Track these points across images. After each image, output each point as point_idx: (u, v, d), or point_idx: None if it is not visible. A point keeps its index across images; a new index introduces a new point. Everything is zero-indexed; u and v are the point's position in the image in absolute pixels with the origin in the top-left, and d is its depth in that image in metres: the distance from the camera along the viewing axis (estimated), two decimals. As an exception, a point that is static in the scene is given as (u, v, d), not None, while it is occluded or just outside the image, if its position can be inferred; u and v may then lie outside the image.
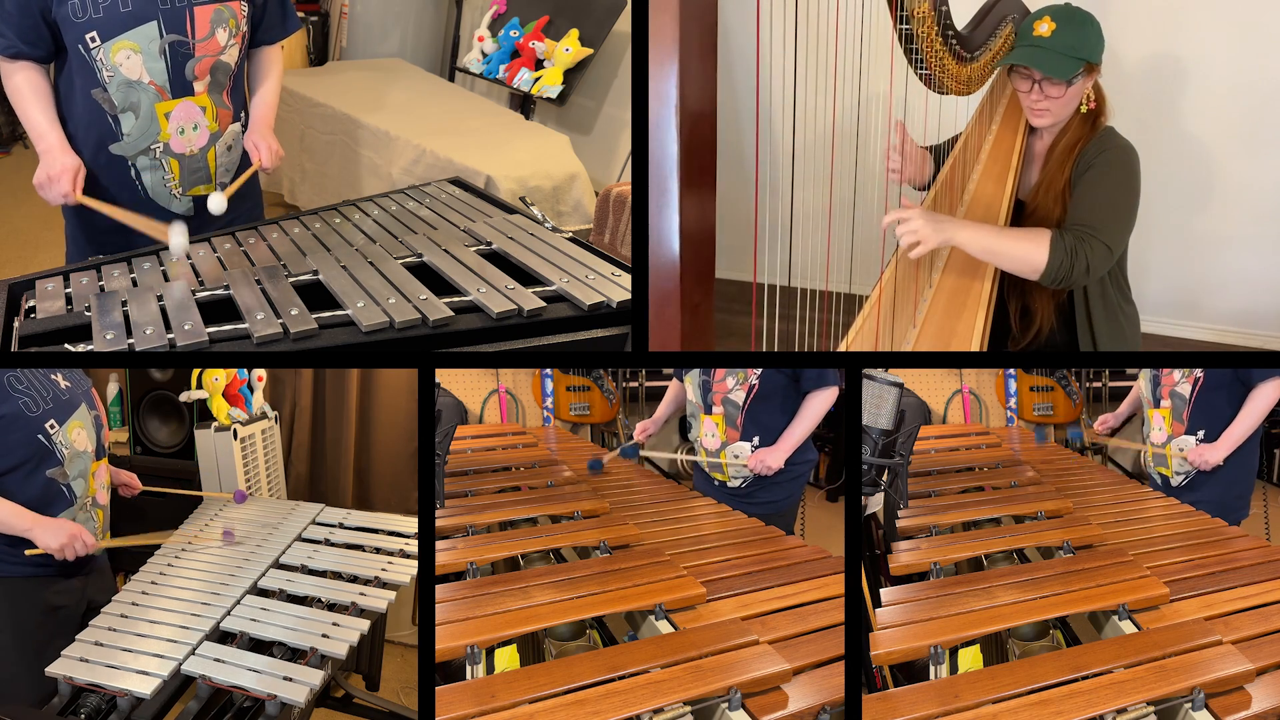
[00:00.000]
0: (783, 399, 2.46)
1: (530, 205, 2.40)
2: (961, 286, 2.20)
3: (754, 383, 2.43)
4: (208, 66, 2.26)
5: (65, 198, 2.17)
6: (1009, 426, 3.74)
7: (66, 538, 1.96)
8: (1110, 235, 2.08)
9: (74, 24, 2.15)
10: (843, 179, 2.34)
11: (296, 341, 1.70)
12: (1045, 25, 2.15)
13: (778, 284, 2.23)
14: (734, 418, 2.45)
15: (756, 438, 2.45)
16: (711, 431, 2.49)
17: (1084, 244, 2.05)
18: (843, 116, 2.19)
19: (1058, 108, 2.21)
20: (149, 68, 2.20)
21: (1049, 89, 2.18)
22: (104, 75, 2.19)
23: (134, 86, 2.20)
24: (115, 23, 2.15)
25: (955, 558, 2.08)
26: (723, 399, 2.46)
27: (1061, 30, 2.14)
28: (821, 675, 1.62)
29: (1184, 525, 2.33)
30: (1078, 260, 2.04)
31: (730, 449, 2.46)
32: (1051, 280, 2.06)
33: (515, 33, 4.34)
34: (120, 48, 2.16)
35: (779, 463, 2.43)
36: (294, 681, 1.72)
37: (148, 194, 2.32)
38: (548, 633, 1.77)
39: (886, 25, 2.06)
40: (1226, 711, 1.51)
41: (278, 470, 3.11)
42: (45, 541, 1.95)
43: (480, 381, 3.64)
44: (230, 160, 2.41)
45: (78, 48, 2.17)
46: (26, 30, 2.19)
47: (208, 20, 2.23)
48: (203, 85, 2.27)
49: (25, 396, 1.97)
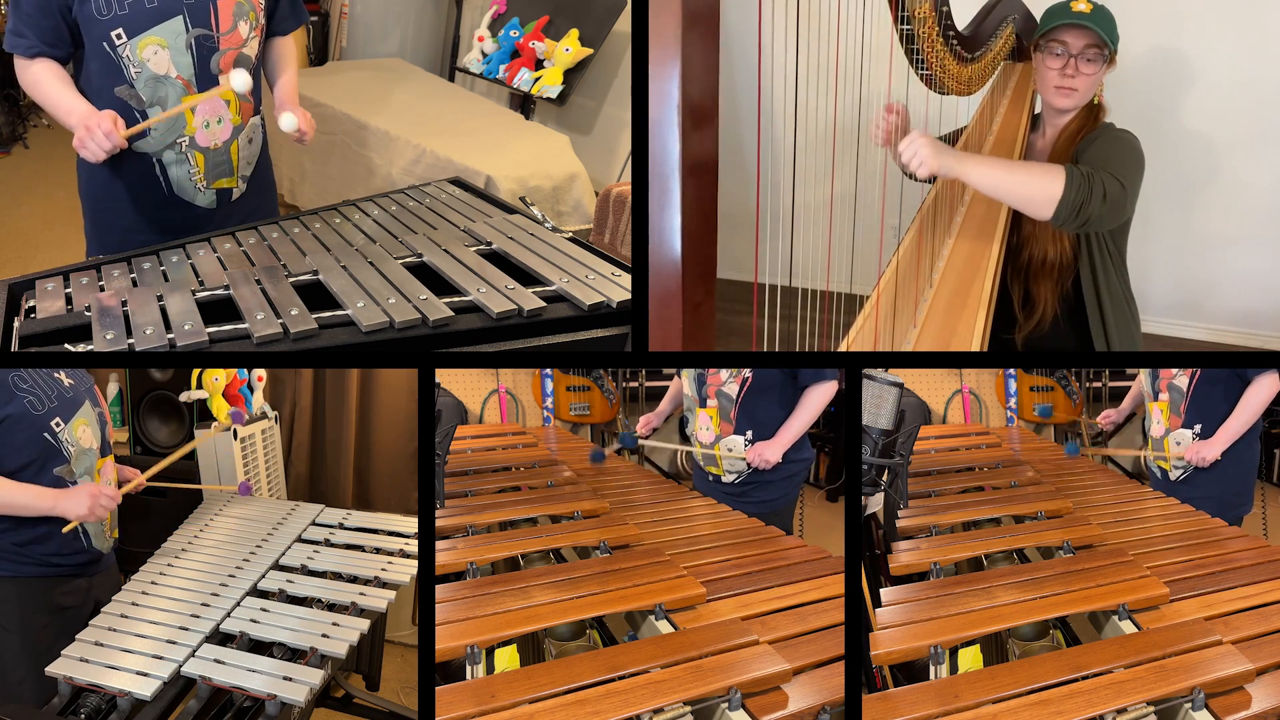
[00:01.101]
0: (779, 393, 2.47)
1: (530, 205, 2.40)
2: (961, 286, 2.20)
3: (747, 375, 2.43)
4: (232, 59, 2.27)
5: (109, 138, 2.10)
6: (1009, 426, 3.74)
7: (89, 499, 1.99)
8: (1125, 177, 2.02)
9: (98, 21, 2.15)
10: (843, 179, 2.34)
11: (296, 341, 1.70)
12: (1083, 4, 2.15)
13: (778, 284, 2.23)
14: (728, 410, 2.46)
15: (750, 431, 2.45)
16: (706, 424, 2.49)
17: (1100, 173, 1.98)
18: (843, 116, 2.19)
19: (1085, 87, 2.19)
20: (176, 62, 2.20)
21: (1084, 66, 2.17)
22: (131, 72, 2.18)
23: (162, 81, 2.20)
24: (141, 18, 2.15)
25: (955, 558, 2.08)
26: (717, 391, 2.46)
27: (1098, 10, 2.15)
28: (821, 675, 1.62)
29: (1184, 525, 2.33)
30: (1095, 186, 1.95)
31: (724, 442, 2.47)
32: (1068, 213, 1.95)
33: (515, 33, 4.34)
34: (147, 43, 2.17)
35: (777, 456, 2.44)
36: (294, 681, 1.72)
37: (172, 189, 2.32)
38: (548, 633, 1.77)
39: (887, 25, 2.06)
40: (1226, 711, 1.52)
41: (278, 470, 3.11)
42: (73, 511, 1.97)
43: (480, 381, 3.64)
44: (251, 153, 2.43)
45: (101, 45, 2.17)
46: (47, 31, 2.19)
47: (230, 13, 2.23)
48: (226, 78, 2.27)
49: (30, 395, 1.97)
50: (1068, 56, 2.18)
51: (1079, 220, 1.97)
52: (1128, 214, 2.12)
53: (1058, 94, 2.23)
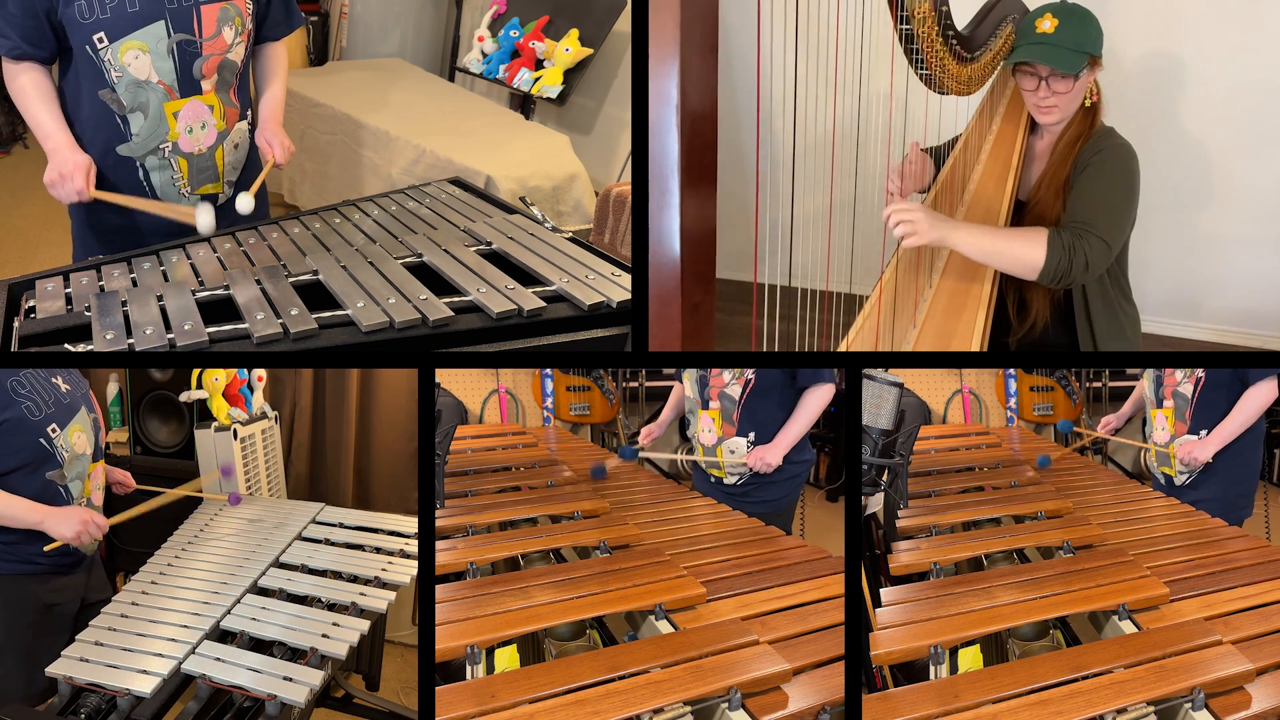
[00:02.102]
0: (780, 395, 2.46)
1: (530, 205, 2.40)
2: (961, 287, 2.20)
3: (750, 377, 2.42)
4: (215, 65, 2.26)
5: (80, 194, 2.16)
6: (1009, 426, 3.74)
7: (79, 524, 1.98)
8: (1108, 231, 2.07)
9: (81, 25, 2.15)
10: (843, 179, 2.34)
11: (296, 341, 1.70)
12: (1048, 22, 2.15)
13: (778, 284, 2.23)
14: (730, 413, 2.45)
15: (752, 433, 2.45)
16: (708, 427, 2.49)
17: (1082, 240, 2.04)
18: (843, 116, 2.19)
19: (1065, 103, 2.21)
20: (157, 67, 2.20)
21: (1056, 85, 2.18)
22: (112, 75, 2.19)
23: (143, 86, 2.21)
24: (123, 22, 2.15)
25: (955, 558, 2.08)
26: (719, 394, 2.46)
27: (1064, 25, 2.14)
28: (821, 675, 1.62)
29: (1184, 525, 2.33)
30: (1076, 257, 2.03)
31: (726, 444, 2.46)
32: (1051, 279, 2.05)
33: (515, 33, 4.34)
34: (128, 48, 2.17)
35: (778, 459, 2.43)
36: (294, 681, 1.72)
37: (156, 194, 2.32)
38: (548, 633, 1.77)
39: (887, 25, 2.06)
40: (1226, 711, 1.51)
41: (278, 470, 3.11)
42: (59, 532, 1.97)
43: (480, 381, 3.64)
44: (237, 158, 2.42)
45: (85, 48, 2.17)
46: (30, 31, 2.19)
47: (214, 18, 2.23)
48: (210, 84, 2.27)
49: (28, 401, 1.97)
50: (1038, 79, 2.20)
51: (1063, 284, 2.10)
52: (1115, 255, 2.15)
53: (1039, 112, 2.27)
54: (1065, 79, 2.16)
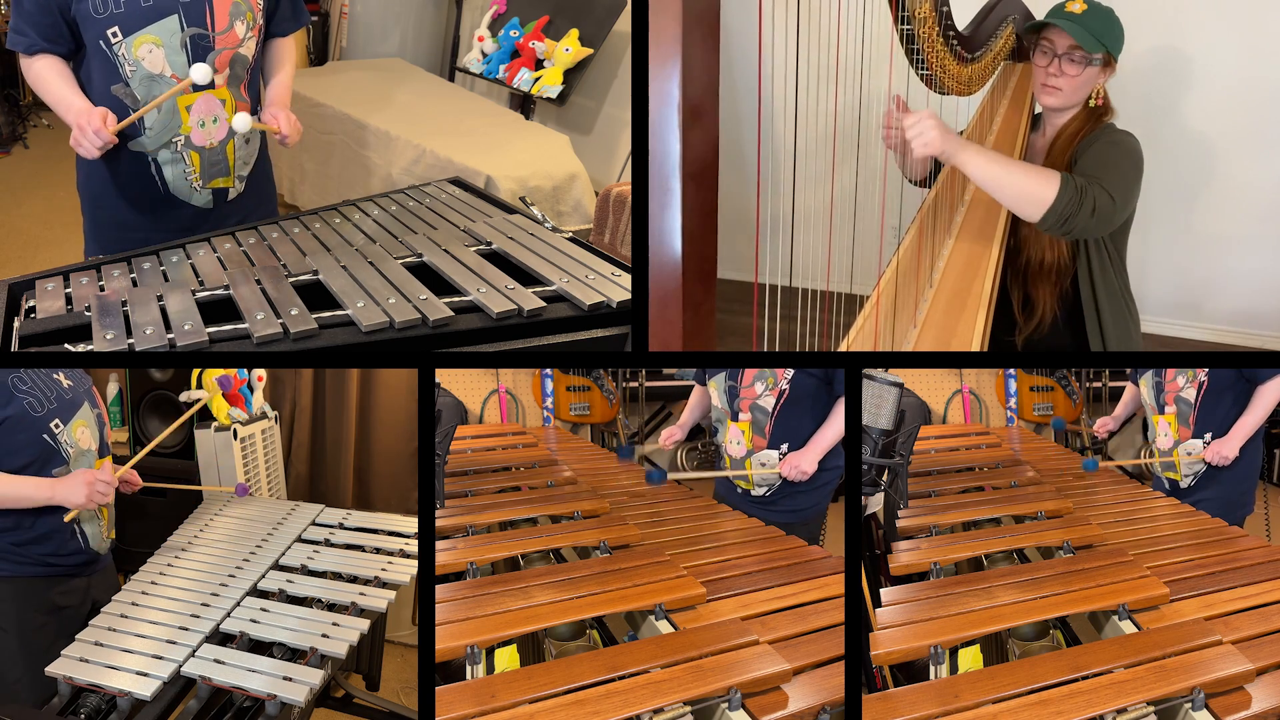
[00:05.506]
0: (812, 404, 2.38)
1: (530, 205, 2.40)
2: (961, 286, 2.20)
3: (784, 388, 2.35)
4: (227, 59, 2.27)
5: (99, 135, 2.13)
6: (1009, 426, 3.74)
7: (86, 486, 1.98)
8: (1117, 190, 2.02)
9: (94, 20, 2.16)
10: (844, 179, 2.34)
11: (296, 341, 1.70)
12: (1078, 5, 2.15)
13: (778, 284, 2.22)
14: (762, 425, 2.38)
15: (785, 445, 2.38)
16: (737, 439, 2.42)
17: (1093, 187, 1.98)
18: (844, 116, 2.19)
19: (1070, 88, 2.19)
20: (171, 61, 2.20)
21: (1068, 66, 2.17)
22: (126, 70, 2.20)
23: (156, 80, 2.21)
24: (137, 17, 2.16)
25: (955, 558, 2.08)
26: (751, 405, 2.38)
27: (1092, 13, 2.15)
28: (821, 675, 1.62)
29: (1184, 525, 2.33)
30: (1085, 200, 1.95)
31: (757, 457, 2.40)
32: (1056, 220, 1.96)
33: (515, 33, 4.34)
34: (142, 42, 2.17)
35: (812, 466, 2.35)
36: (294, 681, 1.72)
37: (168, 188, 2.33)
38: (548, 633, 1.77)
39: (887, 25, 2.06)
40: (1226, 711, 1.52)
41: (278, 470, 3.11)
42: (71, 499, 1.97)
43: (480, 381, 3.64)
44: (248, 152, 2.43)
45: (98, 43, 2.18)
46: (46, 28, 2.20)
47: (226, 12, 2.24)
48: (222, 78, 2.28)
49: (29, 397, 1.97)
50: (1053, 55, 2.18)
51: (1064, 229, 1.99)
52: (1120, 222, 2.12)
53: (1043, 91, 2.24)
54: (1078, 64, 2.15)
